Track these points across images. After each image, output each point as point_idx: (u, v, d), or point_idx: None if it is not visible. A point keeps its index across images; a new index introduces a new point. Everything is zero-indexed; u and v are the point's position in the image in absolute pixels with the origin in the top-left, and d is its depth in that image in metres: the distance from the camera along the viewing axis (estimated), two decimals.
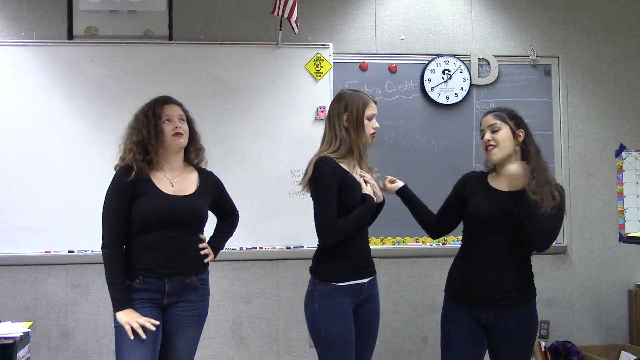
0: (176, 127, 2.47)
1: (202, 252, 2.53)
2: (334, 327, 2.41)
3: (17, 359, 2.91)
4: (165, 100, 2.52)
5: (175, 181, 2.49)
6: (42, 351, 3.68)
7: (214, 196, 2.63)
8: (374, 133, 2.54)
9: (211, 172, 2.66)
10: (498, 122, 2.46)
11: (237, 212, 2.80)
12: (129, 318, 2.32)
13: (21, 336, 2.95)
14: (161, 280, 2.39)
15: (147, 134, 2.42)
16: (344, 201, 2.45)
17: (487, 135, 2.47)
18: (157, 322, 2.36)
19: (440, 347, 2.57)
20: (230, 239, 2.70)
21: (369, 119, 2.52)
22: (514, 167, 2.39)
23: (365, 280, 2.51)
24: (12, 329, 2.97)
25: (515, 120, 2.49)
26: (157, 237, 2.39)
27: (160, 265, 2.39)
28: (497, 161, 2.48)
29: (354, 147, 2.52)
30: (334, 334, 2.41)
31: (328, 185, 2.42)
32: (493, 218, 2.44)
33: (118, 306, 2.35)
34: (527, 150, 2.48)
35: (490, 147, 2.47)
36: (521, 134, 2.47)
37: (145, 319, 2.33)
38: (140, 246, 2.40)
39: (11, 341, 2.86)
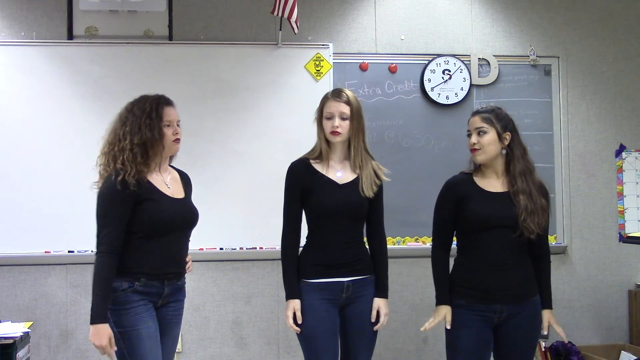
0: (176, 133, 2.46)
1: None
2: (305, 322, 2.46)
3: (17, 359, 2.92)
4: (167, 102, 2.47)
5: (168, 182, 2.47)
6: (42, 351, 3.68)
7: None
8: (333, 132, 2.49)
9: (186, 174, 2.63)
10: (485, 125, 2.46)
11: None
12: (106, 335, 2.23)
13: (21, 336, 2.95)
14: (162, 282, 2.38)
15: (151, 136, 2.37)
16: (316, 201, 2.49)
17: (473, 138, 2.49)
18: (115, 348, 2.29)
19: (446, 350, 2.57)
20: (230, 238, 2.70)
21: (328, 118, 2.51)
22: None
23: (345, 279, 2.49)
24: (12, 329, 2.98)
25: (502, 123, 2.47)
26: (164, 241, 2.37)
27: (165, 269, 2.39)
28: (482, 162, 2.51)
29: (322, 145, 2.55)
30: (305, 328, 2.46)
31: (288, 195, 2.55)
32: (495, 220, 2.44)
33: (101, 318, 2.24)
34: (513, 153, 2.49)
35: (475, 150, 2.49)
36: (507, 137, 2.48)
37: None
38: (144, 249, 2.35)
39: (11, 341, 2.87)
